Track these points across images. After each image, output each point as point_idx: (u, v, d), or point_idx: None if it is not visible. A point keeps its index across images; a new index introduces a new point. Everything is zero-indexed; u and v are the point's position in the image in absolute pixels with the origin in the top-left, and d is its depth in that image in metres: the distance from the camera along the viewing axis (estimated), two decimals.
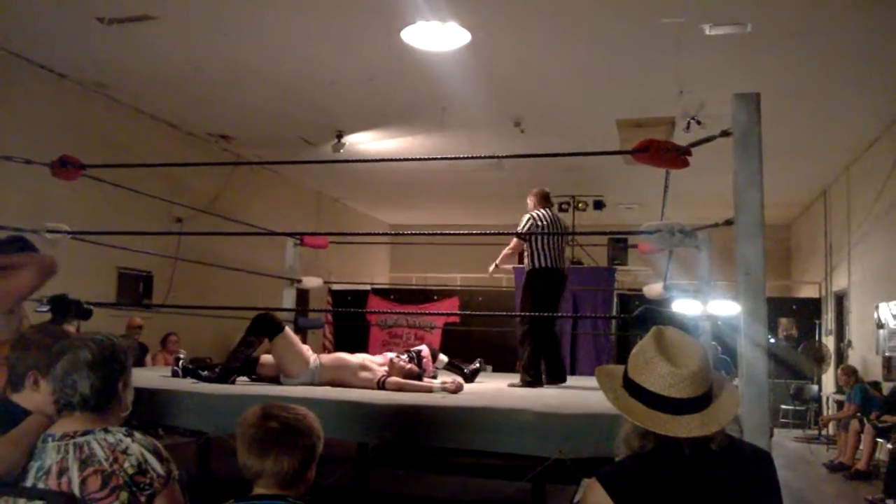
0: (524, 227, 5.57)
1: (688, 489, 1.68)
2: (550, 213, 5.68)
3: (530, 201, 5.78)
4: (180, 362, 5.09)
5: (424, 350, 5.48)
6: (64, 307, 3.72)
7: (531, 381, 5.28)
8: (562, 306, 5.73)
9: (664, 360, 1.72)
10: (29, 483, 1.98)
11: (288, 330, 4.76)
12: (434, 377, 5.08)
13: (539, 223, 5.54)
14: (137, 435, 2.06)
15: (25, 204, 6.72)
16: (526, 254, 5.63)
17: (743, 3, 5.93)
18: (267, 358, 4.90)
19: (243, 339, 4.73)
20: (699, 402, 1.70)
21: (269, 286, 7.35)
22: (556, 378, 5.46)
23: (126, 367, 2.17)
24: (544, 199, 5.77)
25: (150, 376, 4.97)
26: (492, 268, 6.13)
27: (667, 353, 1.73)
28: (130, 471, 1.97)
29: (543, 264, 5.48)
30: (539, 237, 5.49)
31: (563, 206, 12.06)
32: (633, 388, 1.75)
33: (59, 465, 1.98)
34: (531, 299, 5.49)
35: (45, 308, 3.73)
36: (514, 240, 5.73)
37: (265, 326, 4.71)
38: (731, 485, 1.71)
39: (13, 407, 2.30)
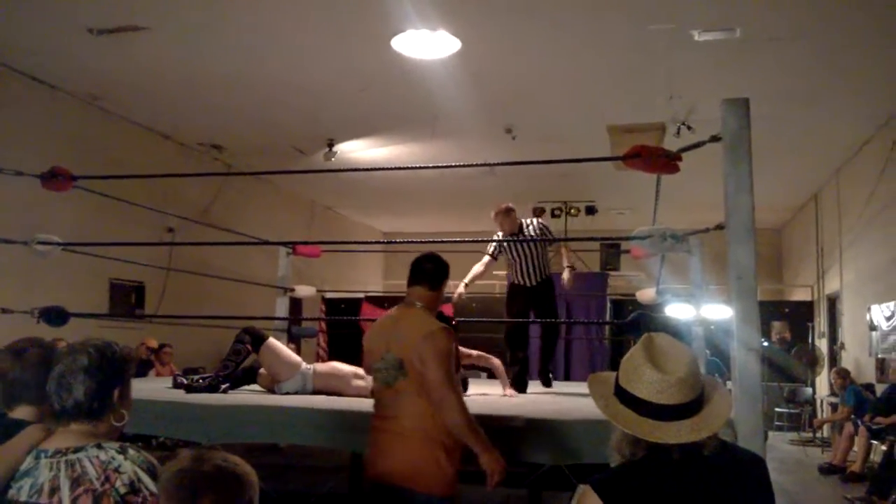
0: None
1: (680, 495, 1.68)
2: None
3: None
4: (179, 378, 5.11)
5: None
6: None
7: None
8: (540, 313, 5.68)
9: (652, 367, 1.72)
10: (23, 499, 1.93)
11: (272, 339, 4.87)
12: None
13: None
14: (131, 451, 1.98)
15: (17, 215, 6.69)
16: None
17: (731, 8, 5.96)
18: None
19: (230, 348, 4.84)
20: (689, 408, 1.70)
21: (263, 295, 7.32)
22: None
23: (125, 377, 2.08)
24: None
25: (149, 387, 4.95)
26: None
27: (655, 360, 1.73)
28: (122, 490, 1.90)
29: (510, 280, 5.86)
30: (506, 254, 5.66)
31: (556, 212, 12.13)
32: (624, 396, 1.75)
33: (52, 483, 1.92)
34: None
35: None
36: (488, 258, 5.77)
37: (249, 340, 4.81)
38: (723, 490, 1.71)
39: (7, 420, 2.26)
